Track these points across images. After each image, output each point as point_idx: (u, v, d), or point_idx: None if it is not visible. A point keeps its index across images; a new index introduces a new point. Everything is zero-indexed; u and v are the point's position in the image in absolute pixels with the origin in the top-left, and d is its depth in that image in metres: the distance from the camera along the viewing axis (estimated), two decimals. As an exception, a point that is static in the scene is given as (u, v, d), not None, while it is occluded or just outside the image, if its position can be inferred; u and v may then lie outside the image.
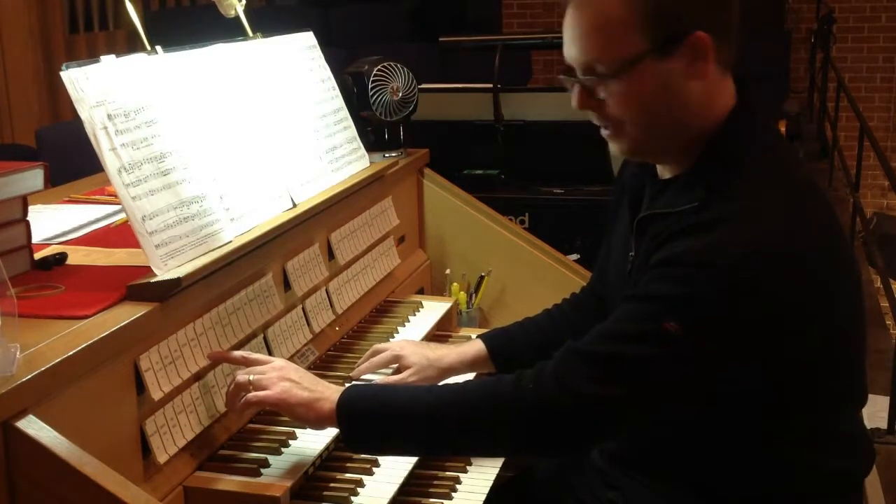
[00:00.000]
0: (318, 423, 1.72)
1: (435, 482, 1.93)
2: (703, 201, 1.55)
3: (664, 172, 1.71)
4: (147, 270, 1.66)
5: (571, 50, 1.60)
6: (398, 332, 2.34)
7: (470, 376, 2.17)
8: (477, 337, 2.10)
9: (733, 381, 1.55)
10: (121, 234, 2.03)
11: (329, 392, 1.71)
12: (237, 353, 1.81)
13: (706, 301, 1.49)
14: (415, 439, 1.68)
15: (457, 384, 1.74)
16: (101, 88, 1.67)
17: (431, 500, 1.88)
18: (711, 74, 1.58)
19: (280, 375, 1.73)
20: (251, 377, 1.74)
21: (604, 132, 1.66)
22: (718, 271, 1.48)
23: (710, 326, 1.49)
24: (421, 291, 2.75)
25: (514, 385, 1.62)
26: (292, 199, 2.08)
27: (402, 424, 1.66)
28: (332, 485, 1.79)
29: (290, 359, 2.03)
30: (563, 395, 1.56)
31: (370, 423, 1.68)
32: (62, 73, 1.62)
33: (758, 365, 1.54)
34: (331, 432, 1.85)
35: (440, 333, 2.49)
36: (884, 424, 3.55)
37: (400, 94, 2.61)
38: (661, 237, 1.58)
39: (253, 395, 1.72)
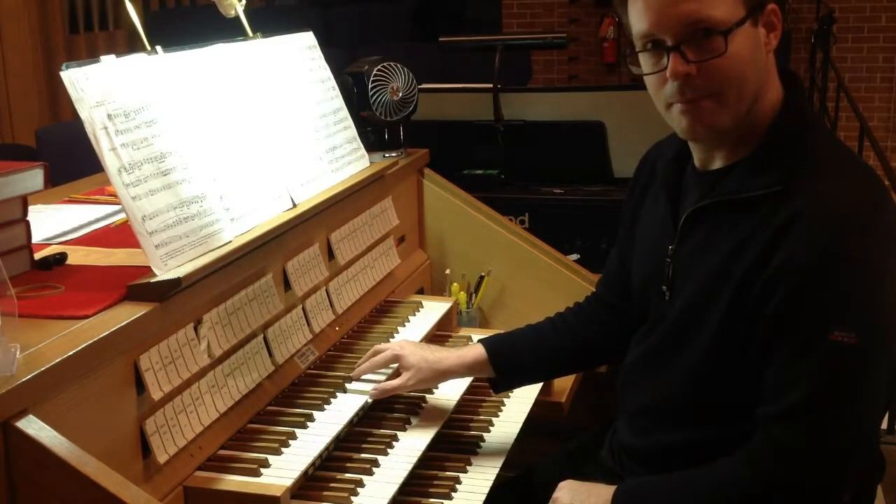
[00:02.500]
0: None
1: (435, 482, 1.92)
2: (786, 185, 1.57)
3: (709, 163, 1.72)
4: (147, 270, 1.66)
5: (672, 12, 1.58)
6: (398, 332, 2.34)
7: (468, 380, 2.17)
8: (478, 341, 2.09)
9: None
10: (121, 234, 2.03)
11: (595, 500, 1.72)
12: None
13: (848, 293, 1.50)
14: None
15: (704, 481, 1.65)
16: (101, 88, 1.67)
17: (431, 500, 1.88)
18: (771, 53, 1.65)
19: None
20: None
21: (682, 108, 1.62)
22: (844, 263, 1.50)
23: (865, 316, 1.51)
24: (421, 291, 2.75)
25: (753, 484, 1.57)
26: (292, 199, 2.08)
27: None
28: (332, 485, 1.79)
29: (290, 358, 2.04)
30: (797, 460, 1.54)
31: None
32: (62, 73, 1.62)
33: None
34: (331, 432, 1.85)
35: (440, 333, 2.49)
36: (884, 424, 3.55)
37: (400, 94, 2.61)
38: (746, 227, 1.59)
39: None
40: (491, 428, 2.15)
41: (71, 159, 3.25)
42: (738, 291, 1.59)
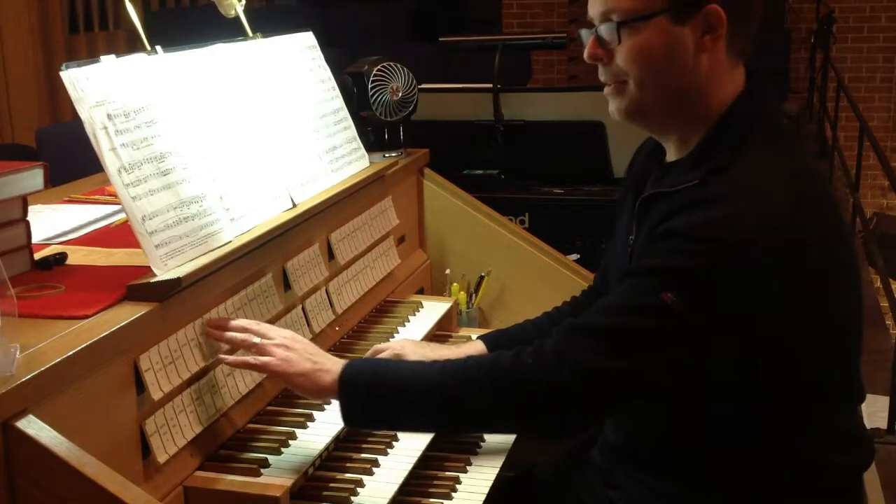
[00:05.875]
0: (318, 394, 1.75)
1: (435, 482, 1.93)
2: (703, 179, 1.58)
3: (670, 155, 1.74)
4: (147, 270, 1.67)
5: (596, 1, 1.66)
6: (398, 332, 2.34)
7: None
8: (477, 338, 2.09)
9: (725, 366, 1.56)
10: (121, 234, 2.03)
11: (331, 364, 1.74)
12: (239, 322, 1.80)
13: (703, 274, 1.51)
14: (415, 413, 1.70)
15: (459, 360, 1.75)
16: (101, 88, 1.67)
17: (431, 500, 1.88)
18: (721, 56, 1.62)
19: (284, 344, 1.75)
20: (256, 339, 1.75)
21: (606, 90, 1.70)
22: (716, 245, 1.50)
23: (705, 300, 1.52)
24: (421, 291, 2.75)
25: (513, 360, 1.64)
26: (292, 199, 2.08)
27: (403, 398, 1.68)
28: (332, 485, 1.79)
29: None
30: (561, 368, 1.58)
31: (370, 395, 1.70)
32: (62, 73, 1.62)
33: (749, 347, 1.55)
34: (331, 432, 1.85)
35: (440, 333, 2.49)
36: (884, 424, 3.55)
37: (400, 94, 2.61)
38: (662, 213, 1.60)
39: (254, 358, 1.74)
40: (491, 428, 2.15)
41: (71, 159, 3.25)
42: None
